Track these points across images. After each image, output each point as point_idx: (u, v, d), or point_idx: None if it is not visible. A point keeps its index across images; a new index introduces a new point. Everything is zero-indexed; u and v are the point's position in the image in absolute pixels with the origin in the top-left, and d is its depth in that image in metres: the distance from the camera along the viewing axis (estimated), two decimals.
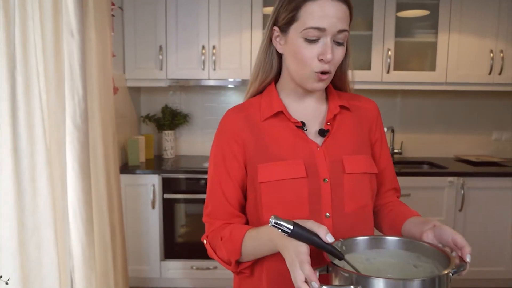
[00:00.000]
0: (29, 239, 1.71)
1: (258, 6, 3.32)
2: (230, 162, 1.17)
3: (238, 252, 1.08)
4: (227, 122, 1.20)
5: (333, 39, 1.07)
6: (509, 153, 3.91)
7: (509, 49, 3.41)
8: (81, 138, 2.06)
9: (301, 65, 1.10)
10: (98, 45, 2.27)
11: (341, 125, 1.20)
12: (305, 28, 1.05)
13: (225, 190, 1.17)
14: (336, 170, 1.13)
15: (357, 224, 1.15)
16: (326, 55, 1.05)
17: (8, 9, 1.57)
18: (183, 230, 3.26)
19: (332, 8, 1.04)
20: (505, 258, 3.33)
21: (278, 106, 1.17)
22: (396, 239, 1.02)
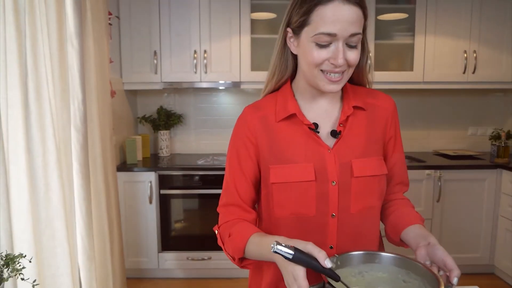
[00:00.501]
0: (43, 230, 1.90)
1: (246, 12, 3.50)
2: (245, 160, 1.21)
3: (242, 252, 1.12)
4: (243, 122, 1.23)
5: (346, 42, 1.06)
6: (484, 146, 4.13)
7: (482, 50, 3.63)
8: (81, 139, 2.26)
9: (311, 68, 1.10)
10: (96, 52, 2.46)
11: (353, 126, 1.20)
12: (316, 33, 1.05)
13: (238, 186, 1.21)
14: (344, 173, 1.15)
15: (362, 224, 1.18)
16: (337, 60, 1.05)
17: (19, 24, 1.76)
18: (179, 223, 3.45)
19: (344, 12, 1.02)
20: (481, 245, 3.55)
21: (292, 108, 1.18)
22: (388, 255, 1.05)
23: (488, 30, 3.63)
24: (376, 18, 3.59)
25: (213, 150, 4.07)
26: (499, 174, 3.46)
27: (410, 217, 1.21)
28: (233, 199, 1.22)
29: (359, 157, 1.17)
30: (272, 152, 1.18)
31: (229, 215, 1.22)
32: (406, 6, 3.65)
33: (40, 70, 1.82)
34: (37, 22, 1.80)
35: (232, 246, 1.14)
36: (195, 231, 3.45)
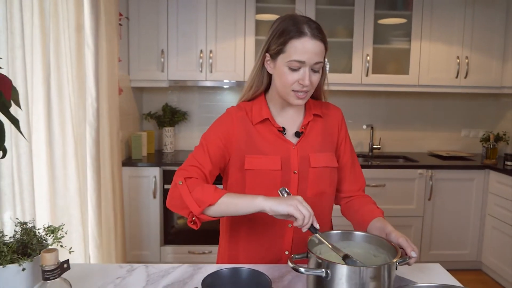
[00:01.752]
0: (60, 217, 2.06)
1: (251, 14, 3.66)
2: (215, 144, 1.40)
3: (216, 199, 1.23)
4: (229, 116, 1.47)
5: (311, 68, 1.33)
6: (476, 148, 4.29)
7: (473, 56, 3.80)
8: (93, 134, 2.42)
9: (284, 86, 1.37)
10: (107, 53, 2.61)
11: (313, 129, 1.49)
12: (289, 60, 1.32)
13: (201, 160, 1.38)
14: (304, 164, 1.43)
15: (316, 206, 1.34)
16: (305, 81, 1.32)
17: (44, 27, 1.92)
18: (181, 218, 3.61)
19: (311, 45, 1.31)
20: (469, 242, 3.72)
21: (266, 114, 1.45)
22: (361, 234, 1.24)
23: (480, 37, 3.79)
24: (375, 23, 3.75)
25: None
26: (487, 175, 3.63)
27: (371, 214, 1.44)
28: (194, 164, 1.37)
29: (316, 152, 1.46)
30: (248, 145, 1.43)
31: (194, 173, 1.34)
32: (403, 13, 3.81)
33: (61, 70, 1.98)
34: (60, 25, 1.96)
35: (207, 192, 1.25)
36: None
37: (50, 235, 0.98)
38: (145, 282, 1.20)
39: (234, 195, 1.25)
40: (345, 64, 3.83)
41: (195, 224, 1.28)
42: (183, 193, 1.26)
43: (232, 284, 1.05)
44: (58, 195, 2.04)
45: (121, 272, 1.26)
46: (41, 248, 0.95)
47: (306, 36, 1.32)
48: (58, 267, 0.87)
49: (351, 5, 3.70)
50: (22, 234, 0.96)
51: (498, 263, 3.49)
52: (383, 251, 1.17)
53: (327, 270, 1.01)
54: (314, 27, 1.35)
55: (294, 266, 1.03)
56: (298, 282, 1.22)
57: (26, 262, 0.90)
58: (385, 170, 3.60)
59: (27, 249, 0.93)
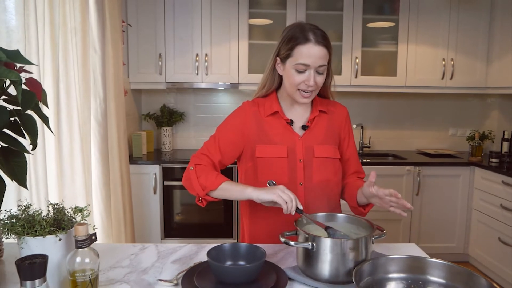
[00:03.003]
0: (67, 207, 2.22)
1: (244, 19, 3.83)
2: (227, 136, 1.62)
3: (215, 186, 1.47)
4: (243, 110, 1.67)
5: (316, 70, 1.51)
6: (463, 146, 4.47)
7: (458, 58, 3.99)
8: (101, 131, 2.58)
9: (292, 86, 1.55)
10: (113, 57, 2.77)
11: (318, 123, 1.66)
12: (296, 63, 1.51)
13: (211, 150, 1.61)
14: (308, 154, 1.61)
15: (321, 191, 1.61)
16: (309, 82, 1.50)
17: (54, 36, 2.07)
18: (181, 212, 3.77)
19: (315, 50, 1.48)
20: (456, 235, 3.90)
21: (276, 108, 1.63)
22: (343, 215, 1.41)
23: (465, 40, 3.98)
24: (364, 26, 3.92)
25: None
26: (472, 171, 3.80)
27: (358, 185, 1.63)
28: (205, 153, 1.61)
29: (320, 144, 1.64)
30: (259, 135, 1.62)
31: (203, 160, 1.58)
32: (390, 17, 3.99)
33: (69, 74, 2.14)
34: (68, 33, 2.12)
35: (210, 179, 1.49)
36: (195, 219, 3.76)
37: (78, 213, 1.14)
38: (156, 258, 1.36)
39: (231, 183, 1.49)
40: (335, 67, 3.99)
41: (201, 203, 1.54)
42: (192, 178, 1.52)
43: (233, 256, 1.21)
44: (66, 187, 2.20)
45: (134, 250, 1.43)
46: (71, 224, 1.11)
47: (310, 42, 1.49)
48: (88, 238, 1.04)
49: (340, 10, 3.88)
50: (55, 213, 1.12)
51: (484, 255, 3.67)
52: (362, 229, 1.33)
53: (313, 243, 1.18)
54: (319, 34, 1.52)
55: (285, 240, 1.20)
56: (289, 257, 1.39)
57: (61, 233, 1.06)
58: (374, 167, 3.76)
59: (60, 224, 1.09)
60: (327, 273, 1.17)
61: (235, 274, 1.11)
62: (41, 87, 1.19)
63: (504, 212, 3.36)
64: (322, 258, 1.17)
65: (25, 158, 1.20)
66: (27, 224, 1.05)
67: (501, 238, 3.42)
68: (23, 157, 1.20)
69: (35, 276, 0.96)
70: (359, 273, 1.10)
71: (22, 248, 1.04)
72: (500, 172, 3.45)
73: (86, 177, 2.33)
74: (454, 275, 1.14)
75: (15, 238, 1.05)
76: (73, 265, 1.04)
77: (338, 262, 1.16)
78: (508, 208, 3.30)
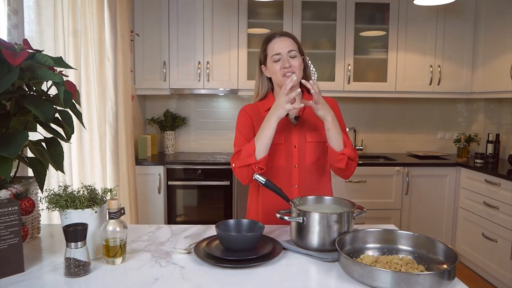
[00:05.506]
0: None
1: (244, 29, 4.09)
2: (245, 129, 1.90)
3: (253, 145, 1.73)
4: (244, 110, 1.95)
5: (288, 55, 1.80)
6: (451, 149, 4.71)
7: (445, 64, 4.24)
8: (113, 133, 2.81)
9: (276, 75, 1.82)
10: (123, 64, 3.02)
11: (308, 113, 1.90)
12: (271, 56, 1.82)
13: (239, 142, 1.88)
14: (302, 140, 1.87)
15: (314, 171, 1.89)
16: (285, 64, 1.78)
17: (77, 44, 2.31)
18: (184, 210, 4.00)
19: (281, 42, 1.82)
20: (444, 232, 4.13)
21: (272, 103, 1.80)
22: (330, 198, 1.62)
23: (451, 47, 4.24)
24: (356, 35, 4.17)
25: (211, 149, 4.60)
26: (458, 171, 4.04)
27: None
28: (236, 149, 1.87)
29: (311, 131, 1.89)
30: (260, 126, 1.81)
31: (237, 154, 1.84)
32: (381, 26, 4.24)
33: (89, 79, 2.38)
34: (89, 42, 2.36)
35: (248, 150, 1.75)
36: (198, 218, 3.98)
37: (108, 193, 1.37)
38: (170, 234, 1.59)
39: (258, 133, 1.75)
40: (328, 73, 4.25)
41: (262, 170, 1.74)
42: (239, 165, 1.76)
43: (237, 229, 1.45)
44: (87, 181, 2.42)
45: (151, 229, 1.66)
46: (103, 201, 1.35)
47: (275, 37, 1.84)
48: (118, 211, 1.27)
49: (334, 20, 4.14)
50: (89, 192, 1.35)
51: (470, 250, 3.89)
52: (345, 208, 1.55)
53: (304, 217, 1.41)
54: (280, 31, 1.88)
55: (280, 216, 1.44)
56: (284, 234, 1.62)
57: (97, 207, 1.30)
58: (365, 168, 4.00)
59: (94, 201, 1.32)
60: (316, 242, 1.41)
61: (238, 241, 1.34)
62: (76, 88, 1.43)
63: (487, 209, 3.59)
64: (311, 230, 1.40)
65: (62, 148, 1.44)
66: (69, 200, 1.28)
67: (484, 234, 3.64)
68: (60, 146, 1.44)
69: (78, 239, 1.19)
70: (341, 242, 1.34)
71: (66, 218, 1.27)
72: (483, 172, 3.68)
73: (103, 174, 2.55)
74: (420, 243, 1.37)
75: (59, 211, 1.28)
76: (106, 232, 1.27)
77: (325, 233, 1.39)
78: (491, 205, 3.53)
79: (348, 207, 1.53)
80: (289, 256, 1.39)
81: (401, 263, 1.25)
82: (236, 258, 1.29)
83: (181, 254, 1.38)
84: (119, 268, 1.28)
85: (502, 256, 3.41)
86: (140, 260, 1.34)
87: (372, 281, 1.13)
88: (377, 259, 1.29)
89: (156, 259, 1.34)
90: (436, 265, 1.28)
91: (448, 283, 1.13)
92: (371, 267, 1.14)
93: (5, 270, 1.20)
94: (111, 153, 2.79)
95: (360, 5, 4.16)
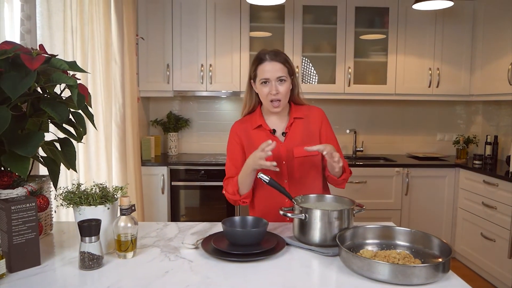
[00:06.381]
0: None
1: (246, 32, 4.15)
2: (234, 153, 1.99)
3: (236, 184, 1.86)
4: (233, 131, 2.02)
5: (277, 80, 1.84)
6: (451, 150, 4.76)
7: (444, 67, 4.30)
8: (120, 134, 2.88)
9: (263, 98, 1.90)
10: (129, 67, 3.09)
11: (295, 128, 1.96)
12: (260, 79, 1.87)
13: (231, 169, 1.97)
14: (289, 155, 1.93)
15: (303, 184, 1.93)
16: (272, 91, 1.84)
17: (84, 48, 2.38)
18: (187, 210, 4.06)
19: (271, 66, 1.84)
20: (443, 232, 4.18)
21: (260, 121, 1.97)
22: (331, 196, 1.71)
23: (449, 50, 4.30)
24: (356, 38, 4.24)
25: (213, 151, 4.66)
26: (457, 172, 4.10)
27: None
28: (228, 175, 1.98)
29: (298, 145, 1.92)
30: (249, 145, 1.95)
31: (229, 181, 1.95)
32: (381, 30, 4.31)
33: (96, 81, 2.45)
34: (96, 46, 2.43)
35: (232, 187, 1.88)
36: (201, 218, 4.04)
37: (119, 191, 1.44)
38: (178, 231, 1.66)
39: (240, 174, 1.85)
40: (329, 76, 4.32)
41: (245, 203, 1.93)
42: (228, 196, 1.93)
43: (242, 225, 1.51)
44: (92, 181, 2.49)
45: (158, 226, 1.73)
46: (114, 198, 1.41)
47: (266, 61, 1.86)
48: (130, 208, 1.34)
49: (334, 24, 4.21)
50: (100, 190, 1.42)
51: (469, 250, 3.94)
52: (346, 206, 1.61)
53: (306, 214, 1.48)
54: (272, 53, 1.87)
55: (283, 212, 1.51)
56: (286, 231, 1.69)
57: (109, 204, 1.36)
58: (366, 169, 4.07)
59: (106, 198, 1.39)
60: (317, 238, 1.47)
61: (244, 236, 1.41)
62: (88, 91, 1.50)
63: (485, 209, 3.65)
64: (313, 226, 1.47)
65: (74, 148, 1.51)
66: (83, 197, 1.35)
67: (483, 234, 3.70)
68: (73, 146, 1.51)
69: (92, 234, 1.26)
70: (342, 238, 1.40)
71: (80, 214, 1.33)
72: (481, 172, 3.74)
73: (109, 174, 2.62)
74: (416, 238, 1.44)
75: (73, 207, 1.35)
76: (118, 228, 1.34)
77: (326, 229, 1.46)
78: (489, 205, 3.59)
79: (348, 205, 1.60)
80: (292, 251, 1.46)
81: (398, 257, 1.31)
82: (241, 252, 1.36)
83: (189, 249, 1.45)
84: (130, 261, 1.35)
85: (500, 256, 3.47)
86: (150, 254, 1.41)
87: (371, 273, 1.20)
88: (376, 254, 1.35)
89: (165, 254, 1.41)
90: (432, 259, 1.34)
91: (443, 275, 1.20)
92: (370, 260, 1.21)
93: (23, 263, 1.27)
94: (119, 153, 2.86)
95: (360, 9, 4.22)
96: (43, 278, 1.22)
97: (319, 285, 1.25)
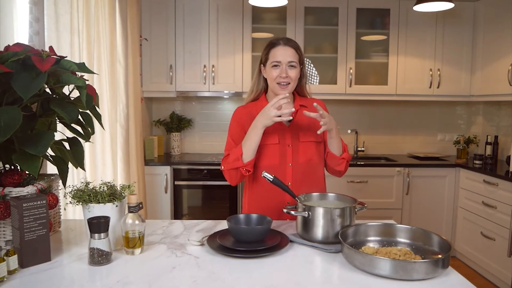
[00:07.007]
0: None
1: (248, 33, 4.19)
2: (235, 133, 1.97)
3: (240, 149, 1.82)
4: (237, 112, 2.03)
5: (287, 65, 1.86)
6: (451, 150, 4.79)
7: (444, 68, 4.34)
8: (124, 134, 2.92)
9: (271, 81, 1.90)
10: (133, 68, 3.13)
11: (300, 117, 1.95)
12: (271, 62, 1.89)
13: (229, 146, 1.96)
14: (295, 139, 1.94)
15: (307, 170, 1.94)
16: (282, 74, 1.86)
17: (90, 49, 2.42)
18: (190, 210, 4.10)
19: (283, 51, 1.88)
20: (443, 231, 4.21)
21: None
22: (333, 194, 1.72)
23: (450, 51, 4.34)
24: (358, 39, 4.28)
25: (215, 151, 4.69)
26: (457, 172, 4.14)
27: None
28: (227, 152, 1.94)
29: (304, 130, 1.96)
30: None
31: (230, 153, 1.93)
32: (382, 31, 4.34)
33: (102, 82, 2.48)
34: (101, 48, 2.47)
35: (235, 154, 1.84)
36: (203, 217, 4.08)
37: (126, 189, 1.47)
38: (183, 228, 1.70)
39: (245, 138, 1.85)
40: (331, 76, 4.35)
41: (249, 172, 1.86)
42: (228, 167, 1.87)
43: (246, 222, 1.55)
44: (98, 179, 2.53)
45: (164, 224, 1.76)
46: (122, 196, 1.45)
47: (279, 45, 1.90)
48: (137, 205, 1.38)
49: (336, 25, 4.24)
50: (108, 188, 1.45)
51: (470, 249, 3.98)
52: (348, 204, 1.65)
53: (309, 212, 1.51)
54: (285, 39, 1.92)
55: (287, 210, 1.54)
56: (289, 228, 1.73)
57: (117, 202, 1.40)
58: (367, 168, 4.10)
59: (114, 196, 1.43)
60: (320, 235, 1.51)
61: (248, 233, 1.45)
62: (95, 92, 1.53)
63: (486, 209, 3.68)
64: (316, 223, 1.51)
65: (83, 147, 1.54)
66: (92, 195, 1.38)
67: (483, 233, 3.73)
68: (81, 145, 1.54)
69: (101, 230, 1.29)
70: (344, 235, 1.44)
71: (89, 212, 1.37)
72: (481, 172, 3.78)
73: (114, 173, 2.66)
74: (417, 235, 1.48)
75: (82, 205, 1.39)
76: (126, 225, 1.38)
77: (328, 226, 1.50)
78: (489, 205, 3.63)
79: (350, 203, 1.63)
80: (295, 248, 1.50)
81: (399, 254, 1.35)
82: (246, 248, 1.40)
83: (195, 246, 1.49)
84: (138, 258, 1.38)
85: (500, 254, 3.51)
86: (157, 251, 1.44)
87: (372, 269, 1.23)
88: (377, 250, 1.39)
89: (172, 250, 1.45)
90: (432, 255, 1.38)
91: (442, 271, 1.23)
92: (371, 256, 1.24)
93: (34, 259, 1.30)
94: (123, 153, 2.90)
95: (361, 10, 4.26)
96: (54, 274, 1.26)
97: (322, 280, 1.28)
